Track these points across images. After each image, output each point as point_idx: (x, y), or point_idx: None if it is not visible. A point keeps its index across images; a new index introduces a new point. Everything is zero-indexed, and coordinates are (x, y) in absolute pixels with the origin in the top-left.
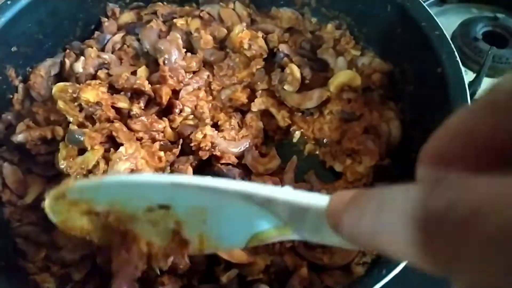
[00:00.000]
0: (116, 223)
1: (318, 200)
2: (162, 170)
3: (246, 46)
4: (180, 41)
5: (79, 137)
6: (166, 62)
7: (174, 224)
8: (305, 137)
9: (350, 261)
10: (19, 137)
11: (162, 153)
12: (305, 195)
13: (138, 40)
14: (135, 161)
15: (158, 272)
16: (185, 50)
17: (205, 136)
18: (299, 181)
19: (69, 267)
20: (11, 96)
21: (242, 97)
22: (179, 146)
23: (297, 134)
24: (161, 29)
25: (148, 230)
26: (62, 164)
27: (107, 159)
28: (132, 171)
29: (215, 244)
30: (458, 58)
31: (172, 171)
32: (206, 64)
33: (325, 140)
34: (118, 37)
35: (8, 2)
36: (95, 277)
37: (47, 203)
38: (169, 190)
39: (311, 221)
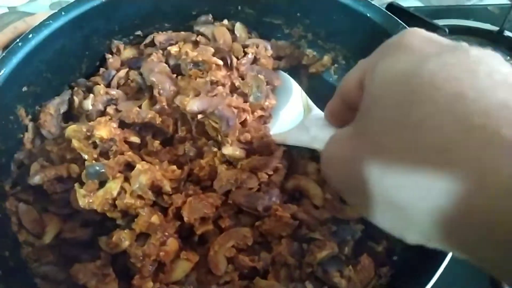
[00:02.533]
0: None
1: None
2: (179, 180)
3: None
4: (168, 69)
5: (100, 169)
6: (161, 92)
7: None
8: None
9: (366, 285)
10: (35, 179)
11: (174, 167)
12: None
13: (141, 74)
14: (153, 174)
15: None
16: (175, 75)
17: (204, 167)
18: None
19: None
20: (22, 136)
21: None
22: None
23: None
24: (162, 61)
25: None
26: (83, 202)
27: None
28: (153, 183)
29: None
30: None
31: None
32: None
33: None
34: (122, 72)
35: (19, 44)
36: None
37: None
38: None
39: None
